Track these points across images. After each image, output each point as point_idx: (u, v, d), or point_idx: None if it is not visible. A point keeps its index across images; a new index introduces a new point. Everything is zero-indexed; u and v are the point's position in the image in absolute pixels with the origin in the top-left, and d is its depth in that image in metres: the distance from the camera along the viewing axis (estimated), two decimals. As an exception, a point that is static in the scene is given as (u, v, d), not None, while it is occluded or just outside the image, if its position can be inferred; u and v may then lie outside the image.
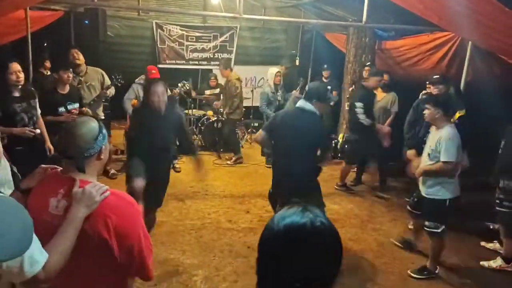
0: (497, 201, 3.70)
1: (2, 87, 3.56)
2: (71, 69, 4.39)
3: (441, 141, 3.25)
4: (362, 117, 5.04)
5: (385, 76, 5.68)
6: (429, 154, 3.36)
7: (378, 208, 5.01)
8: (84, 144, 1.47)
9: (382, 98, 5.79)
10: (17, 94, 3.64)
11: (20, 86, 3.65)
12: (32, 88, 3.93)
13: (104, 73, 5.20)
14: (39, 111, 3.88)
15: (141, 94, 5.59)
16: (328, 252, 0.95)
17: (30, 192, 1.52)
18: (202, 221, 4.36)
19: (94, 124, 1.51)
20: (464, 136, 3.36)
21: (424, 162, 3.44)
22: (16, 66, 3.59)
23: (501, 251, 3.86)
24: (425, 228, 3.48)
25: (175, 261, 3.54)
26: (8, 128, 3.54)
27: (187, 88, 5.90)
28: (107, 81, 5.14)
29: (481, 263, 3.78)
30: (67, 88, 4.37)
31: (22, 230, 1.15)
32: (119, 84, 5.13)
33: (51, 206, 1.45)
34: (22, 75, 3.63)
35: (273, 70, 6.70)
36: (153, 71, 5.55)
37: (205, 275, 3.36)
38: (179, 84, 5.65)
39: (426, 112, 3.42)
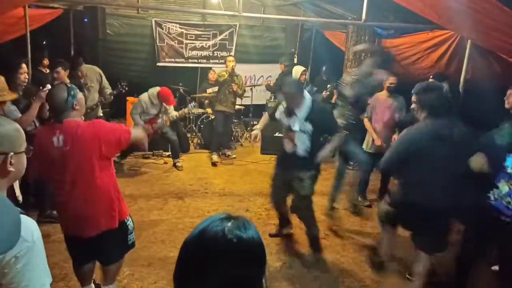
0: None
1: (10, 86, 3.59)
2: (68, 69, 4.40)
3: None
4: None
5: (392, 79, 4.88)
6: None
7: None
8: (58, 104, 2.29)
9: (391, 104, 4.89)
10: (20, 92, 3.67)
11: (24, 86, 3.72)
12: (31, 87, 3.94)
13: (101, 72, 5.20)
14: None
15: (149, 108, 5.54)
16: (235, 265, 0.90)
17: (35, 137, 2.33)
18: (202, 219, 4.33)
19: (63, 90, 2.30)
20: None
21: None
22: (25, 67, 3.72)
23: None
24: None
25: (175, 259, 3.53)
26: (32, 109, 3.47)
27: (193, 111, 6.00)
28: (105, 81, 5.14)
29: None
30: None
31: (11, 227, 1.15)
32: (124, 91, 5.12)
33: (54, 142, 2.27)
34: (27, 76, 3.75)
35: (299, 68, 6.64)
36: (170, 99, 5.55)
37: (205, 273, 3.35)
38: (189, 105, 5.80)
39: None
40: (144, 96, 5.58)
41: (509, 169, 2.15)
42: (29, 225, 1.24)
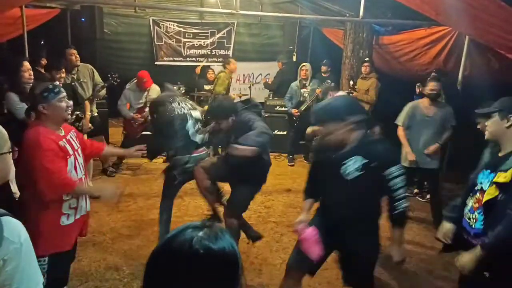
0: None
1: (15, 85, 3.58)
2: (63, 69, 4.39)
3: None
4: None
5: (433, 84, 4.10)
6: None
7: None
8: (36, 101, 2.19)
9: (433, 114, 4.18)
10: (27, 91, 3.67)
11: (29, 85, 3.68)
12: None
13: (94, 69, 5.19)
14: None
15: (133, 100, 5.63)
16: (200, 278, 0.84)
17: None
18: (201, 217, 4.37)
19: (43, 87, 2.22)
20: None
21: None
22: (27, 64, 3.67)
23: None
24: None
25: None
26: None
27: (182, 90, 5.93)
28: (97, 77, 5.13)
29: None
30: None
31: None
32: (115, 83, 5.12)
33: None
34: (32, 73, 3.69)
35: (303, 65, 6.62)
36: (145, 80, 5.59)
37: (205, 272, 3.36)
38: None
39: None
40: (127, 91, 5.68)
41: (478, 186, 2.11)
42: (15, 227, 1.20)
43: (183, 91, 5.80)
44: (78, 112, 4.41)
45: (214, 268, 0.85)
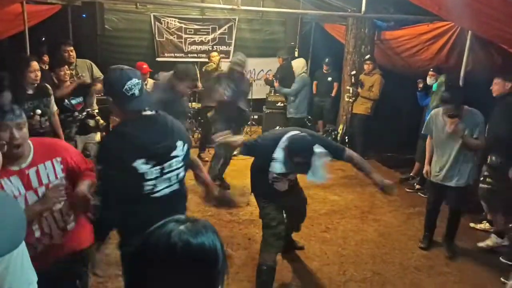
0: (481, 178, 3.89)
1: (17, 84, 3.57)
2: (66, 66, 4.37)
3: None
4: None
5: None
6: None
7: (379, 199, 5.02)
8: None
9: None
10: (30, 91, 3.66)
11: (35, 85, 3.68)
12: (47, 86, 3.91)
13: (92, 63, 5.18)
14: (54, 108, 3.90)
15: None
16: (176, 272, 0.83)
17: None
18: (203, 213, 4.37)
19: None
20: None
21: None
22: (35, 65, 3.66)
23: (491, 230, 4.02)
24: None
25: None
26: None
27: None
28: (96, 71, 5.11)
29: (478, 244, 3.89)
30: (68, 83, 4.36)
31: (15, 226, 1.14)
32: None
33: None
34: (39, 74, 3.68)
35: (299, 62, 6.70)
36: (144, 66, 5.59)
37: (207, 267, 3.36)
38: None
39: None
40: None
41: None
42: None
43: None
44: (88, 109, 4.41)
45: (190, 262, 0.83)
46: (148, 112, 1.94)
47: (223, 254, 0.89)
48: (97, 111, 5.12)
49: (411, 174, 5.62)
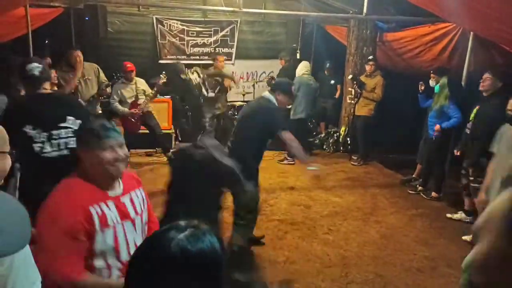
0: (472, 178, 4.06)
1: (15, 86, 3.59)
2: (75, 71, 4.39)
3: None
4: None
5: None
6: None
7: (381, 201, 5.02)
8: None
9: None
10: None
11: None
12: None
13: (99, 67, 5.22)
14: None
15: (125, 95, 5.69)
16: (176, 279, 0.84)
17: None
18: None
19: None
20: None
21: None
22: (53, 76, 3.76)
23: (466, 220, 4.36)
24: None
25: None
26: None
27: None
28: (102, 76, 5.15)
29: (447, 215, 4.52)
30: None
31: (21, 226, 1.15)
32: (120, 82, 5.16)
33: None
34: (52, 87, 3.72)
35: (303, 65, 6.69)
36: (128, 65, 5.68)
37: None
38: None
39: None
40: (118, 85, 5.74)
41: None
42: None
43: (164, 80, 5.81)
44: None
45: (191, 270, 0.84)
46: (44, 91, 2.46)
47: (225, 256, 0.90)
48: (100, 112, 5.18)
49: (413, 175, 5.62)
